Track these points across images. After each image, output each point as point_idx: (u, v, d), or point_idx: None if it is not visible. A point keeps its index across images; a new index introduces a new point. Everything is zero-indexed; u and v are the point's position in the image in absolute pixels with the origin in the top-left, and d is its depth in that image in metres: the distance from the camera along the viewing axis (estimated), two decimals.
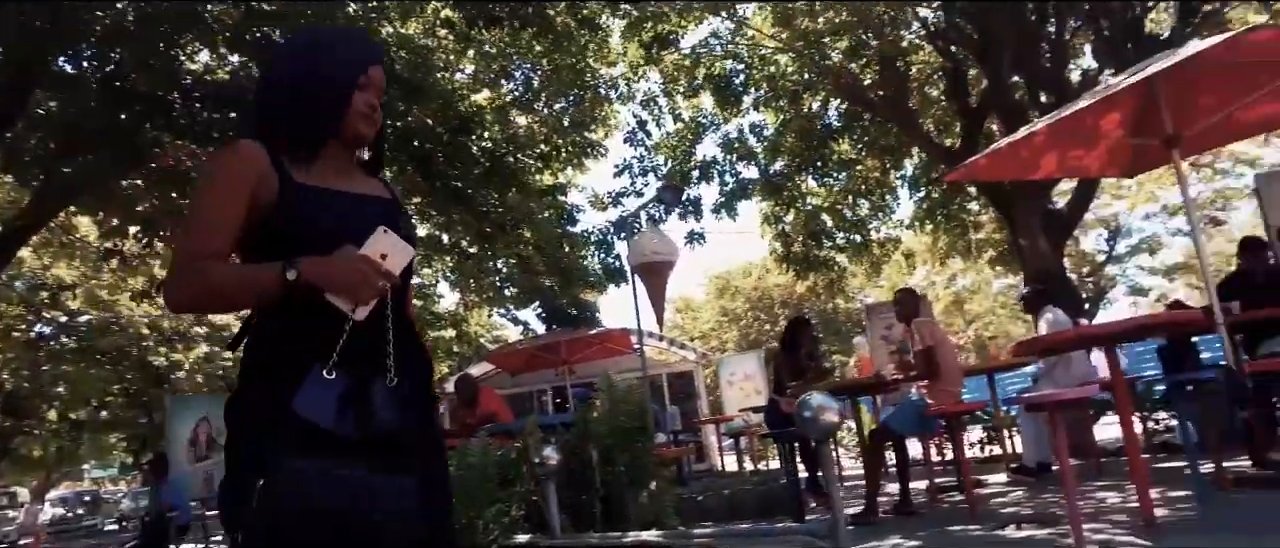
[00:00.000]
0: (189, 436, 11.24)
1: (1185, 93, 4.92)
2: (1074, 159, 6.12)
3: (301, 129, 1.50)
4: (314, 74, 1.51)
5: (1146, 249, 24.06)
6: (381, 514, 1.31)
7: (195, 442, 11.33)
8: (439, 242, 13.21)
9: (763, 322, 28.09)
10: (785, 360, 6.34)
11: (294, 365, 1.33)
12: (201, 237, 1.40)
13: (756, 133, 11.82)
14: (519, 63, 11.23)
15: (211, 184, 1.45)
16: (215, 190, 1.43)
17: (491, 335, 22.80)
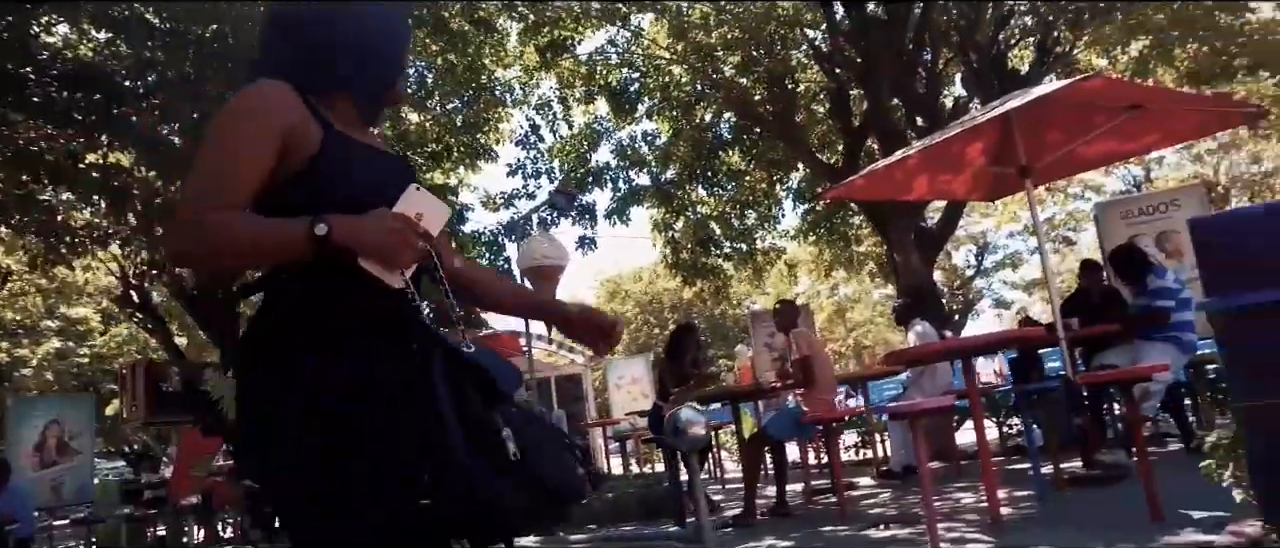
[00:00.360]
0: (35, 439, 10.41)
1: (1037, 128, 5.39)
2: (943, 183, 6.57)
3: (373, 80, 1.42)
4: (389, 25, 1.44)
5: (1010, 265, 25.84)
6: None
7: (42, 447, 10.51)
8: None
9: (652, 325, 28.48)
10: (670, 367, 6.49)
11: (322, 333, 1.23)
12: (222, 183, 1.22)
13: (649, 141, 12.03)
14: (412, 59, 10.99)
15: (238, 124, 1.27)
16: (243, 132, 1.25)
17: None
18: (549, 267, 8.19)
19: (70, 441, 10.68)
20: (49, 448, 10.50)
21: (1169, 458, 5.76)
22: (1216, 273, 2.87)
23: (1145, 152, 9.08)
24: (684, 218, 12.06)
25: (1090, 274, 6.17)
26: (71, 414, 10.88)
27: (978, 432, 4.40)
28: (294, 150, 1.28)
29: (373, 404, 1.20)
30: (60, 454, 10.54)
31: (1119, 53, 10.54)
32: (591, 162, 11.76)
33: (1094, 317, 5.57)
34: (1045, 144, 5.58)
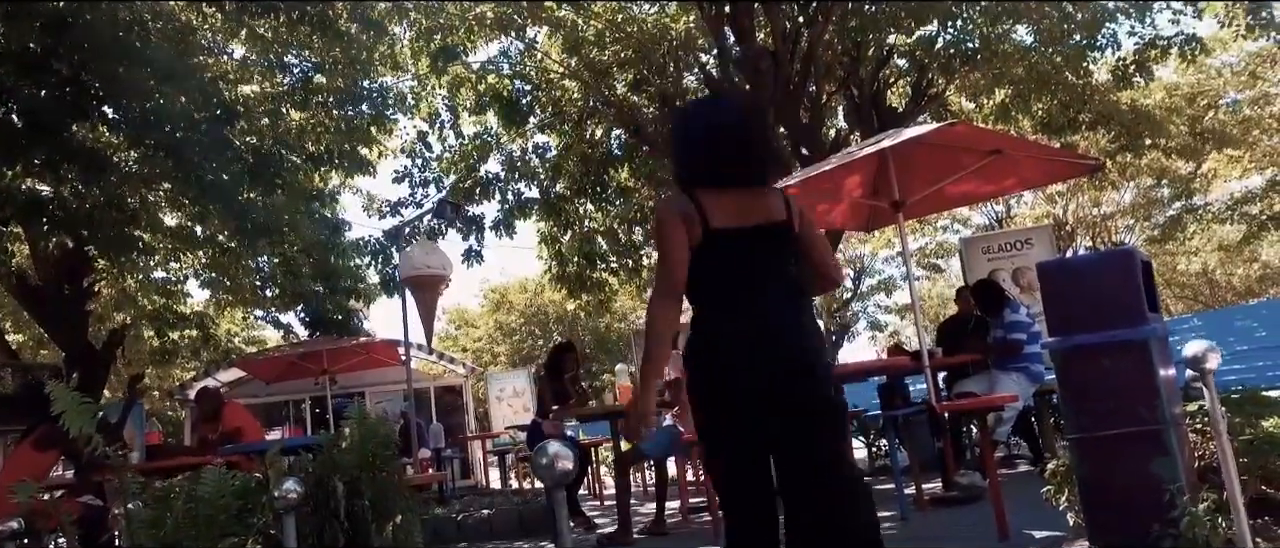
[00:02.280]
0: None
1: (910, 166, 5.69)
2: (822, 212, 6.84)
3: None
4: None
5: (884, 289, 27.14)
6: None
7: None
8: (191, 235, 12.01)
9: (536, 337, 28.22)
10: (549, 384, 6.46)
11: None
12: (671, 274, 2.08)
13: (539, 154, 11.96)
14: (298, 55, 10.54)
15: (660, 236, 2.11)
16: (671, 240, 2.06)
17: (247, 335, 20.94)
18: (430, 277, 7.99)
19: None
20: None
21: (1018, 479, 6.17)
22: (1058, 313, 3.10)
23: (1003, 194, 9.79)
24: (571, 232, 12.04)
25: (965, 301, 6.57)
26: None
27: None
28: (691, 242, 2.06)
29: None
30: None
31: (984, 99, 11.31)
32: (480, 172, 11.59)
33: (965, 342, 5.95)
34: (917, 181, 5.90)
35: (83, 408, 2.54)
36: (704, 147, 2.15)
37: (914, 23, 9.56)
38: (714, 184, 2.09)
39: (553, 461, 1.69)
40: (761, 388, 1.95)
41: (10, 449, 10.95)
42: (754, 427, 1.97)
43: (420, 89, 11.18)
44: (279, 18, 8.25)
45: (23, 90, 6.67)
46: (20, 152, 6.70)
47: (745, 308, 2.02)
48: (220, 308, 15.57)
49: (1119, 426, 2.80)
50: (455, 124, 11.28)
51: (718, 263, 2.04)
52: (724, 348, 2.00)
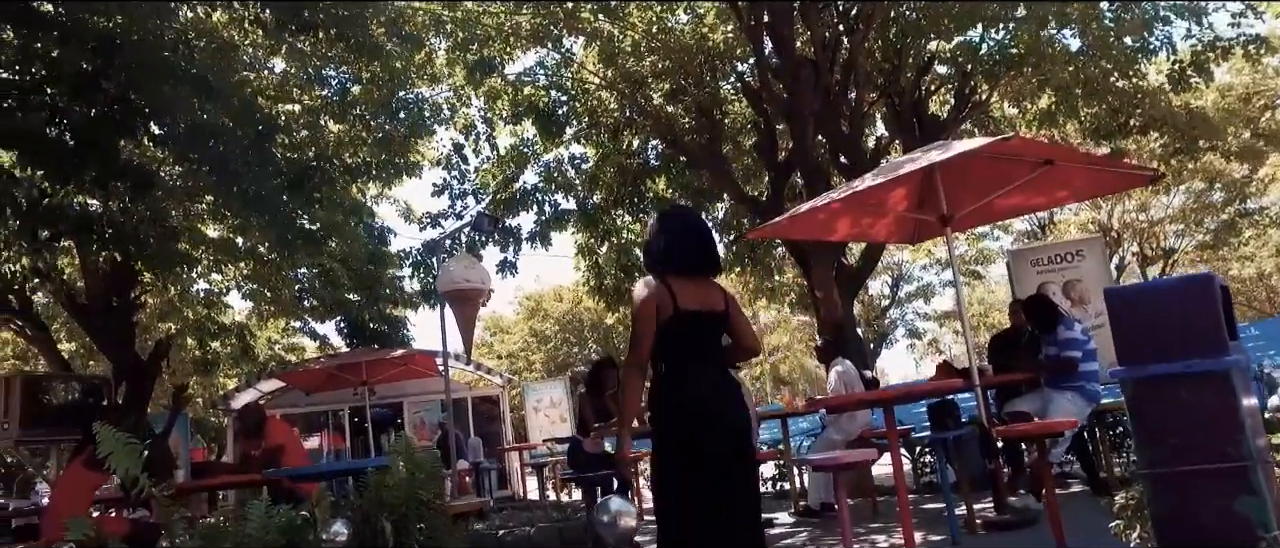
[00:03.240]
0: None
1: (958, 179, 5.55)
2: (865, 226, 6.72)
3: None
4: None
5: (923, 296, 26.73)
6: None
7: None
8: (233, 246, 12.18)
9: (571, 345, 28.25)
10: (590, 401, 6.40)
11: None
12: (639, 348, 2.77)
13: (576, 165, 11.94)
14: (336, 69, 10.64)
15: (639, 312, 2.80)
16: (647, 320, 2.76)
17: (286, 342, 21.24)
18: (469, 290, 7.99)
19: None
20: None
21: (1073, 500, 5.97)
22: (1127, 342, 2.96)
23: (1055, 205, 9.54)
24: (609, 243, 11.98)
25: (1018, 315, 6.38)
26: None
27: (897, 481, 4.45)
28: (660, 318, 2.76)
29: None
30: None
31: (1028, 104, 11.05)
32: (518, 184, 11.59)
33: (1019, 357, 5.79)
34: (965, 194, 5.75)
35: (128, 449, 2.53)
36: (677, 245, 2.90)
37: (956, 28, 9.37)
38: (681, 273, 2.84)
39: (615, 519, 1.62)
40: (711, 431, 2.70)
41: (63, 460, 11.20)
42: (699, 456, 2.66)
43: (457, 100, 11.21)
44: (319, 35, 8.32)
45: (74, 110, 6.79)
46: (72, 169, 6.80)
47: (698, 372, 2.78)
48: (261, 318, 15.78)
49: (1199, 461, 2.66)
50: (491, 136, 11.29)
51: (683, 336, 2.77)
52: (691, 400, 2.73)
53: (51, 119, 6.89)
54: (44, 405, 10.47)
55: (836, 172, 10.12)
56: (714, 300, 2.87)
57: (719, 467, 2.67)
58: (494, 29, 9.86)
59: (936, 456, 6.21)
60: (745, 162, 11.90)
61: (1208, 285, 2.81)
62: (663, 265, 2.87)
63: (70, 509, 5.20)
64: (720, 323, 2.88)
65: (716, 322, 2.87)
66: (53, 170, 6.91)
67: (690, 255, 2.88)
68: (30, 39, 6.81)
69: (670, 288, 2.75)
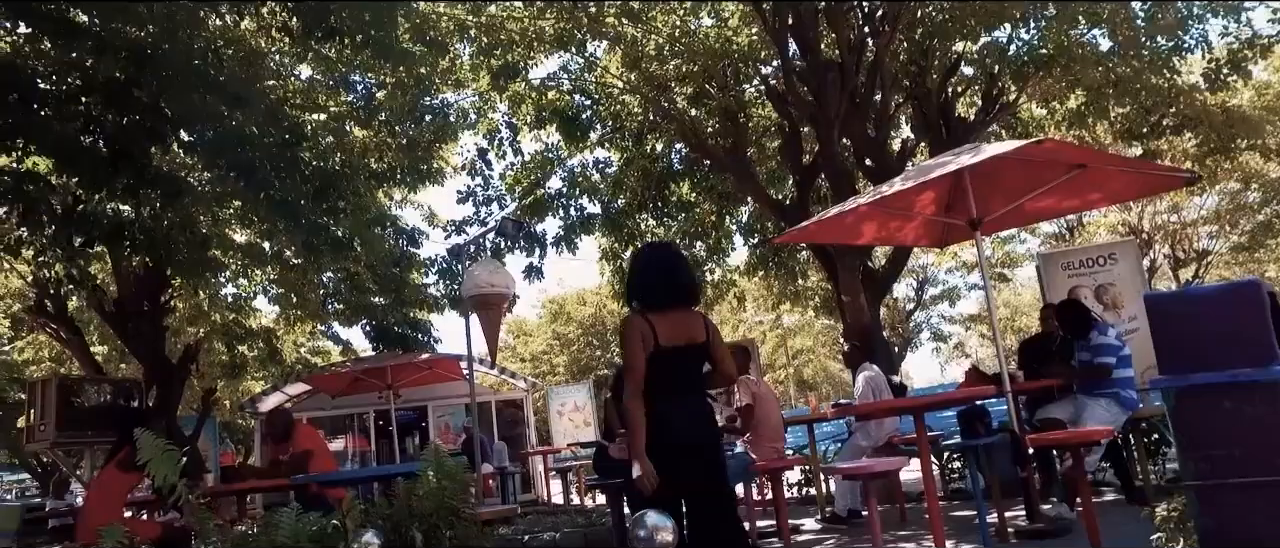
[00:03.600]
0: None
1: (988, 183, 5.47)
2: (892, 229, 6.63)
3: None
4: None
5: (947, 299, 26.46)
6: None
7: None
8: (260, 251, 12.31)
9: (594, 348, 28.28)
10: (616, 406, 6.37)
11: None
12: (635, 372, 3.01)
13: (600, 169, 11.94)
14: (361, 75, 10.72)
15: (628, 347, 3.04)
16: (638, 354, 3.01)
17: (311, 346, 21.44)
18: (493, 295, 8.00)
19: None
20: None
21: (1106, 509, 5.85)
22: (1169, 350, 2.89)
23: (1088, 208, 9.37)
24: (633, 247, 11.97)
25: (1051, 320, 6.27)
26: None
27: (928, 489, 4.38)
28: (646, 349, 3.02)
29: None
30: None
31: (1056, 105, 10.88)
32: (542, 188, 11.61)
33: (1050, 363, 5.69)
34: (995, 197, 5.67)
35: (167, 457, 2.55)
36: (650, 281, 3.18)
37: (983, 28, 9.26)
38: (659, 309, 3.10)
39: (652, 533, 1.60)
40: (688, 460, 3.02)
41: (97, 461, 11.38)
42: (680, 475, 2.97)
43: (482, 105, 11.25)
44: (344, 41, 8.38)
45: (108, 119, 6.89)
46: (105, 177, 6.89)
47: (678, 405, 3.06)
48: (287, 323, 15.94)
49: (1248, 474, 2.58)
50: (516, 141, 11.32)
51: (663, 370, 3.03)
52: (672, 432, 3.01)
53: (86, 127, 7.00)
54: (78, 408, 10.65)
55: (862, 175, 10.03)
56: (695, 332, 3.12)
57: (695, 490, 3.01)
58: (517, 34, 9.88)
59: (967, 463, 6.13)
60: (769, 165, 11.83)
61: (1255, 293, 2.74)
62: (642, 302, 3.15)
63: (104, 511, 5.27)
64: (701, 353, 3.14)
65: (697, 352, 3.13)
66: (87, 178, 7.01)
67: (662, 291, 3.14)
68: (67, 49, 6.92)
69: (651, 324, 3.03)
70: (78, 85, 7.13)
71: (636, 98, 10.82)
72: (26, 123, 6.41)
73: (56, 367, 18.26)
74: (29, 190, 6.81)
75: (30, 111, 6.46)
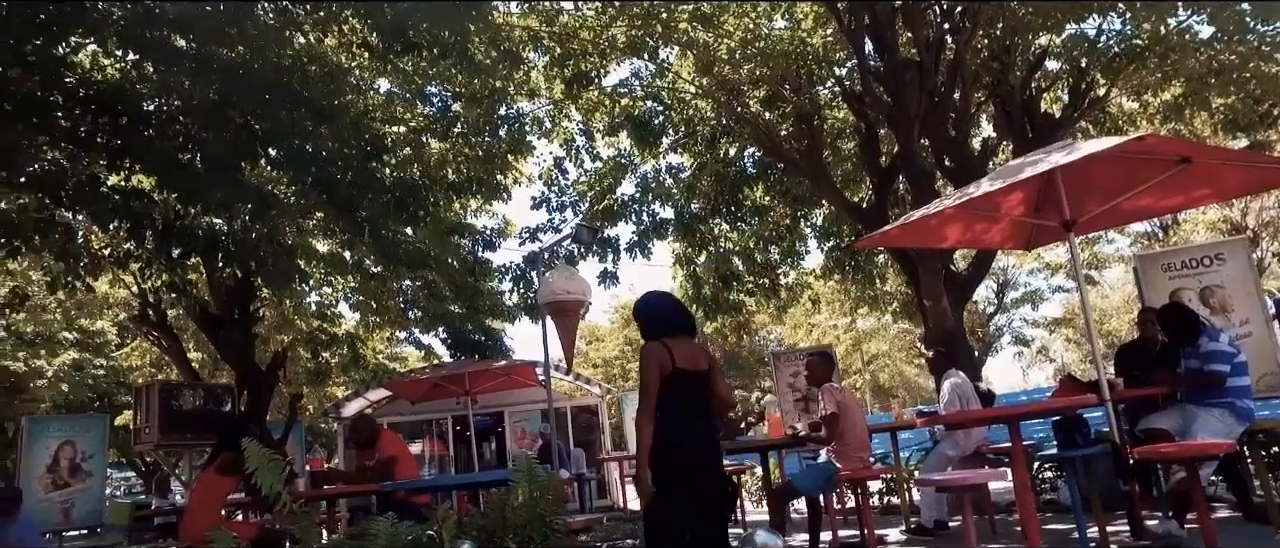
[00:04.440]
0: (47, 461, 10.30)
1: (1080, 182, 5.23)
2: (978, 231, 6.41)
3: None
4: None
5: (1029, 302, 25.51)
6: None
7: (55, 467, 10.40)
8: (342, 261, 12.71)
9: None
10: None
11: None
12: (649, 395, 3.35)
13: (673, 174, 11.91)
14: (438, 87, 10.96)
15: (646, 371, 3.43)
16: (654, 376, 3.38)
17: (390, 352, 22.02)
18: (569, 302, 8.06)
19: (82, 462, 10.57)
20: (61, 470, 10.39)
21: (1222, 525, 5.51)
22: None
23: (1193, 205, 8.87)
24: (706, 252, 11.91)
25: (1151, 325, 5.95)
26: (85, 436, 10.78)
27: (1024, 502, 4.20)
28: (664, 372, 3.38)
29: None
30: (72, 476, 10.42)
31: (1150, 98, 10.37)
32: (616, 195, 11.66)
33: (1150, 370, 5.40)
34: (1089, 197, 5.42)
35: (272, 466, 2.63)
36: (668, 316, 3.65)
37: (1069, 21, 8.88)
38: (675, 336, 3.54)
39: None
40: (699, 473, 3.37)
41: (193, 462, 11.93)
42: (692, 489, 3.32)
43: (556, 113, 11.37)
44: (422, 54, 8.58)
45: (204, 136, 7.20)
46: (202, 192, 7.21)
47: (690, 425, 3.42)
48: (367, 330, 16.40)
49: None
50: (590, 147, 11.40)
51: (679, 390, 3.41)
52: (685, 449, 3.36)
53: (184, 145, 7.34)
54: (178, 412, 11.20)
55: (942, 175, 9.75)
56: (699, 362, 3.56)
57: (702, 498, 3.39)
58: (590, 42, 9.94)
59: (1066, 475, 5.86)
60: (845, 167, 11.62)
61: None
62: (661, 331, 3.56)
63: (206, 512, 5.50)
64: (704, 380, 3.55)
65: (702, 379, 3.53)
66: (185, 193, 7.34)
67: (679, 321, 3.64)
68: (168, 73, 7.27)
69: (669, 349, 3.44)
70: (177, 106, 7.48)
71: (709, 102, 10.77)
72: (133, 143, 6.75)
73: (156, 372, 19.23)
74: (135, 206, 7.16)
75: (137, 132, 6.80)
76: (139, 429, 11.39)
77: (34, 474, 10.12)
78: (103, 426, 11.48)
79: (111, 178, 7.79)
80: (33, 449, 10.27)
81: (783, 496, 5.60)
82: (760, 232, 12.15)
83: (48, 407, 19.25)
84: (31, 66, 6.41)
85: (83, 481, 10.52)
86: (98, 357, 22.34)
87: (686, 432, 3.36)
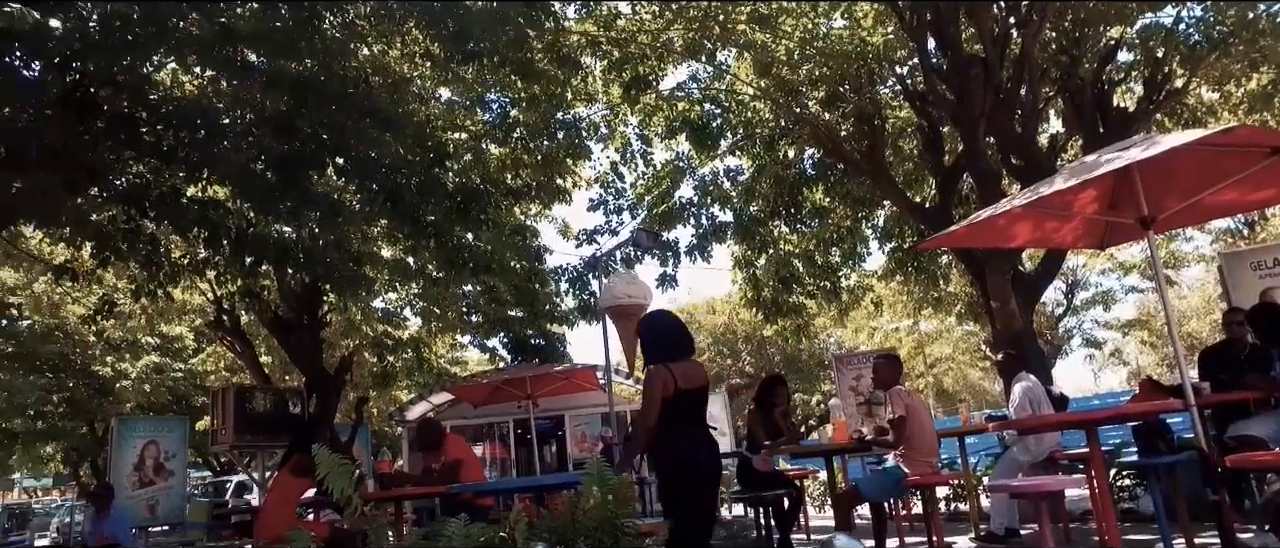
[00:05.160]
0: (134, 459, 10.79)
1: (1159, 178, 5.01)
2: (1049, 231, 6.20)
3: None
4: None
5: (1101, 303, 24.62)
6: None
7: (141, 465, 10.89)
8: (406, 267, 12.98)
9: (725, 356, 28.09)
10: (759, 418, 6.29)
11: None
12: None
13: (731, 177, 11.86)
14: (497, 94, 11.12)
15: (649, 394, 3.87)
16: (657, 397, 3.82)
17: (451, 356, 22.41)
18: (631, 306, 8.09)
19: (166, 461, 11.04)
20: (146, 468, 10.87)
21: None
22: None
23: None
24: (766, 255, 11.80)
25: (1239, 326, 5.67)
26: (168, 436, 11.27)
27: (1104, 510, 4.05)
28: (666, 392, 3.84)
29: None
30: (156, 474, 10.90)
31: (1233, 88, 9.92)
32: (674, 198, 11.65)
33: (1237, 374, 5.15)
34: (1170, 192, 5.19)
35: (343, 470, 2.70)
36: (670, 341, 4.05)
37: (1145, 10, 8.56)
38: (678, 359, 3.95)
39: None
40: (699, 471, 3.88)
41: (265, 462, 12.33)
42: (695, 488, 3.84)
43: (613, 118, 11.42)
44: (483, 62, 8.72)
45: (275, 147, 7.45)
46: (274, 201, 7.46)
47: (692, 434, 3.91)
48: (431, 334, 16.70)
49: None
50: (647, 151, 11.42)
51: (683, 405, 3.86)
52: (687, 453, 3.87)
53: (257, 156, 7.60)
54: (251, 414, 11.61)
55: (1008, 173, 9.50)
56: (701, 380, 4.02)
57: (701, 492, 3.90)
58: (647, 46, 9.96)
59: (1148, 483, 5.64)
60: (907, 167, 11.40)
61: None
62: (666, 356, 3.96)
63: (281, 512, 5.68)
64: (703, 395, 4.02)
65: (702, 394, 4.01)
66: (258, 202, 7.61)
67: (681, 345, 4.05)
68: (240, 87, 7.54)
69: (672, 372, 3.86)
70: (250, 119, 7.75)
71: (767, 104, 10.69)
72: (211, 155, 7.02)
73: (230, 376, 19.95)
74: (212, 216, 7.45)
75: (214, 145, 7.07)
76: (215, 430, 11.84)
77: (123, 472, 10.60)
78: (184, 427, 11.97)
79: (190, 189, 8.13)
80: (122, 448, 10.76)
81: (849, 501, 5.52)
82: (820, 233, 12.01)
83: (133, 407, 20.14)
84: (120, 86, 6.72)
85: (166, 479, 10.99)
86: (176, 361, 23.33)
87: (691, 439, 3.88)
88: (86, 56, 6.31)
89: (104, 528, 8.00)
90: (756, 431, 6.14)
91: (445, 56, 8.89)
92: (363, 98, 8.14)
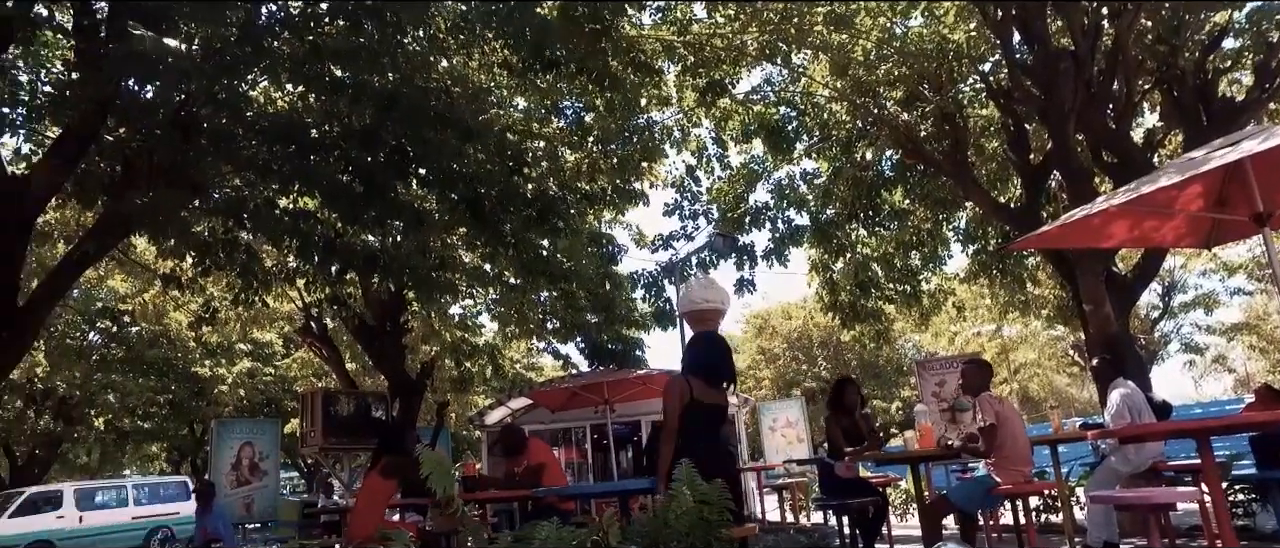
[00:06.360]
0: (232, 459, 11.31)
1: (1276, 172, 4.73)
2: (1148, 230, 5.91)
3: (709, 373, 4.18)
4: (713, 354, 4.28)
5: (1202, 306, 23.32)
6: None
7: (237, 465, 11.40)
8: (484, 273, 13.24)
9: (800, 362, 27.73)
10: (837, 423, 6.18)
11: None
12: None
13: (808, 180, 11.70)
14: (571, 100, 11.26)
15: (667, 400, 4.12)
16: (677, 406, 4.03)
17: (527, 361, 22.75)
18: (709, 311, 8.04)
19: (260, 461, 11.54)
20: (243, 468, 11.39)
21: None
22: None
23: None
24: (843, 259, 11.60)
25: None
26: (261, 437, 11.78)
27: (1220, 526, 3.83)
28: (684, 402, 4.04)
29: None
30: (252, 474, 11.40)
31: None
32: (749, 202, 11.57)
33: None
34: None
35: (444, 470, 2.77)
36: (702, 360, 4.20)
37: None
38: (701, 378, 4.12)
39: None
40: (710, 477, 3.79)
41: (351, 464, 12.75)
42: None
43: (687, 123, 11.41)
44: (560, 70, 8.84)
45: (361, 159, 7.72)
46: (360, 211, 7.74)
47: (702, 445, 3.93)
48: (507, 339, 16.98)
49: None
50: (722, 155, 11.37)
51: (696, 419, 4.03)
52: (710, 458, 3.69)
53: (344, 168, 7.89)
54: (337, 417, 12.03)
55: (1100, 171, 9.11)
56: (723, 401, 4.26)
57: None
58: (722, 50, 9.93)
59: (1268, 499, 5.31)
60: (990, 166, 11.05)
61: None
62: (689, 372, 4.16)
63: (371, 513, 5.85)
64: (722, 414, 4.29)
65: (719, 413, 4.23)
66: (345, 212, 7.89)
67: (714, 373, 4.18)
68: (328, 102, 7.85)
69: (690, 385, 4.05)
70: (337, 132, 8.05)
71: (844, 105, 10.51)
72: (302, 168, 7.32)
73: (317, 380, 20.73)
74: (303, 226, 7.76)
75: (304, 158, 7.37)
76: (305, 433, 12.31)
77: (221, 471, 11.12)
78: (276, 428, 12.49)
79: (283, 201, 8.50)
80: (221, 448, 11.30)
81: (938, 511, 5.36)
82: (900, 236, 11.73)
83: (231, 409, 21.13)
84: (221, 104, 7.08)
85: (260, 479, 11.49)
86: (267, 366, 24.42)
87: (700, 450, 3.85)
88: (192, 77, 6.67)
89: (207, 524, 8.40)
90: (836, 437, 6.03)
91: (523, 66, 9.06)
92: (444, 109, 8.37)
